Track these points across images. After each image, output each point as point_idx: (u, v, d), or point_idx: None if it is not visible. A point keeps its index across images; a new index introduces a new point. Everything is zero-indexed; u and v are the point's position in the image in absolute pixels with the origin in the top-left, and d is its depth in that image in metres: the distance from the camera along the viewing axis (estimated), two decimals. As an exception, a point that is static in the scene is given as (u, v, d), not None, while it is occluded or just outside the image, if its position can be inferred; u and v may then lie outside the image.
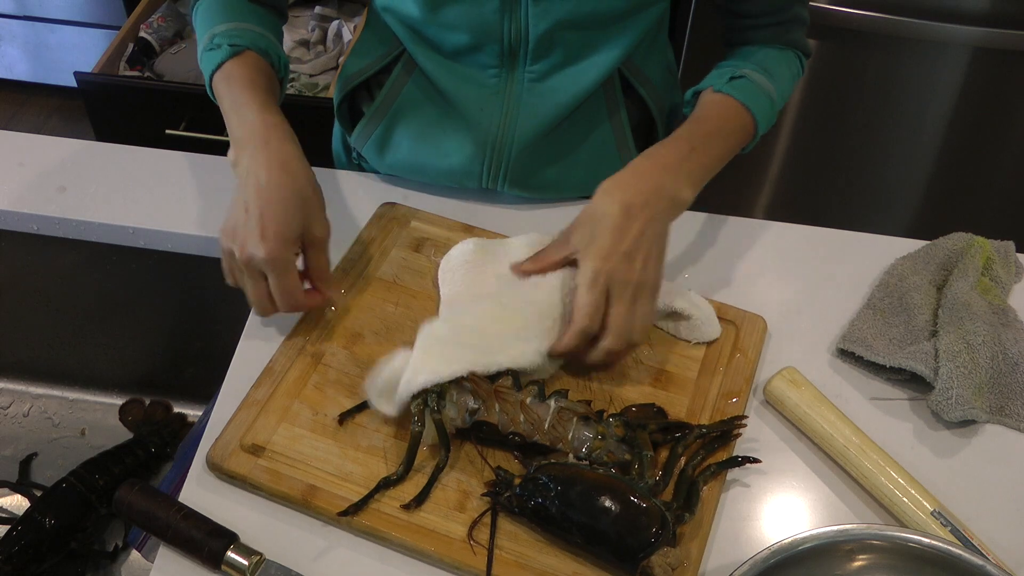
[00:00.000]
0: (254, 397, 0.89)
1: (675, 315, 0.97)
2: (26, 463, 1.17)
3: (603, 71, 1.05)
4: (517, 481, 0.82)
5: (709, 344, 0.97)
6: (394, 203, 1.08)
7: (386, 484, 0.83)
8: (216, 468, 0.84)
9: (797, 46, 1.09)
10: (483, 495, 0.83)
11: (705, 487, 0.84)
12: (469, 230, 1.06)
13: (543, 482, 0.80)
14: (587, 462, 0.83)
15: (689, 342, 0.97)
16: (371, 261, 1.02)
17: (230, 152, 0.93)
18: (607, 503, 0.79)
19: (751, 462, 0.87)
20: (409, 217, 1.07)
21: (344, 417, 0.88)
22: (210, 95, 1.01)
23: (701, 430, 0.88)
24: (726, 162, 1.01)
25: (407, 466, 0.84)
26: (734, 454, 0.88)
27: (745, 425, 0.90)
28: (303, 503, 0.82)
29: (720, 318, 0.98)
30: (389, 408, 0.87)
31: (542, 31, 1.00)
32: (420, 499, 0.82)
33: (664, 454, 0.87)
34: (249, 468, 0.84)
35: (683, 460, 0.86)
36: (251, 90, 0.95)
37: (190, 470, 0.86)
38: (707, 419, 0.91)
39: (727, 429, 0.89)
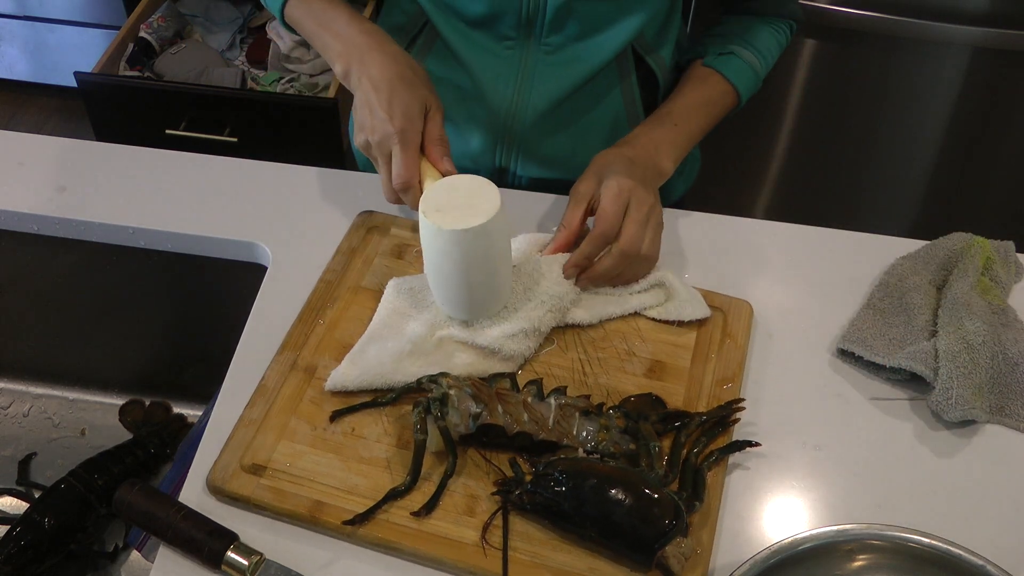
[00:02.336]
0: (249, 416, 0.88)
1: (660, 290, 0.98)
2: (25, 463, 1.17)
3: (616, 46, 1.07)
4: (528, 478, 0.82)
5: (701, 324, 0.98)
6: (372, 211, 1.07)
7: (394, 495, 0.82)
8: (218, 491, 0.83)
9: (792, 16, 1.17)
10: (493, 494, 0.83)
11: (709, 473, 0.85)
12: None
13: (554, 477, 0.81)
14: (597, 455, 0.84)
15: (678, 322, 0.98)
16: (356, 271, 1.01)
17: (337, 67, 0.98)
18: (620, 495, 0.79)
19: (751, 446, 0.87)
20: (389, 224, 1.06)
21: (337, 415, 0.88)
22: (283, 25, 1.06)
23: (700, 417, 0.89)
24: (708, 131, 1.11)
25: (414, 476, 0.83)
26: (734, 439, 0.88)
27: (743, 408, 0.90)
28: (311, 520, 0.81)
29: (708, 305, 0.99)
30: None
31: (560, 2, 1.02)
32: (430, 506, 0.82)
33: (666, 444, 0.87)
34: (252, 488, 0.83)
35: (686, 449, 0.86)
36: (333, 4, 1.01)
37: (190, 470, 0.86)
38: (704, 406, 0.92)
39: (725, 414, 0.90)
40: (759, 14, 1.16)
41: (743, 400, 0.92)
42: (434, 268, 0.91)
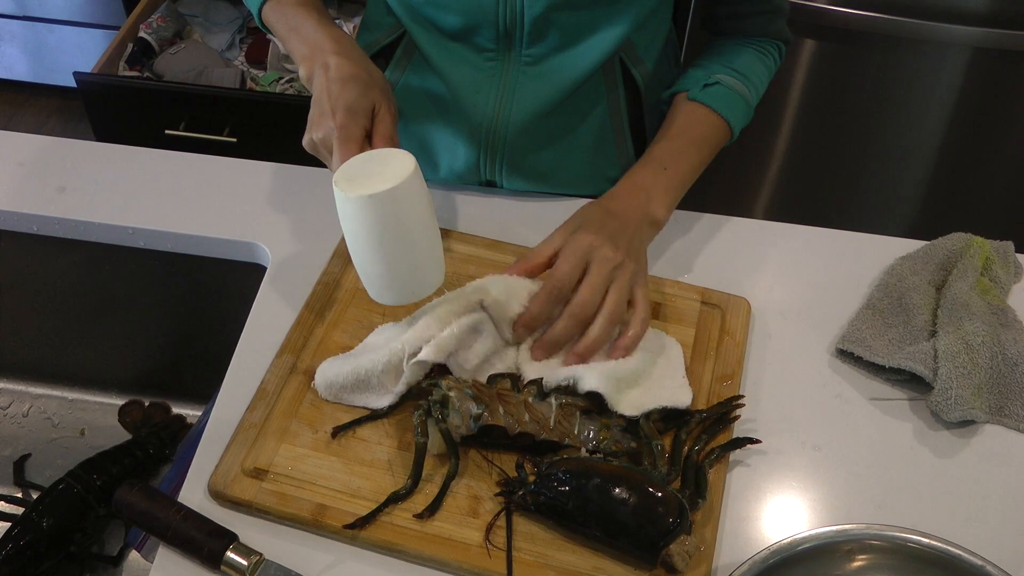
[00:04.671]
0: (250, 420, 0.87)
1: (647, 355, 0.92)
2: (20, 463, 1.16)
3: (599, 56, 1.05)
4: (531, 478, 0.82)
5: (700, 321, 0.98)
6: None
7: (395, 499, 0.82)
8: (219, 496, 0.83)
9: (779, 36, 1.13)
10: (496, 494, 0.83)
11: (711, 471, 0.85)
12: (447, 235, 1.04)
13: (558, 477, 0.81)
14: (599, 454, 0.84)
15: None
16: (353, 274, 1.00)
17: (302, 70, 0.97)
18: (624, 494, 0.79)
19: (752, 442, 0.88)
20: None
21: (338, 431, 0.87)
22: (260, 26, 1.06)
23: (701, 415, 0.89)
24: (703, 169, 1.05)
25: (415, 479, 0.83)
26: (734, 436, 0.89)
27: (743, 405, 0.91)
28: (314, 523, 0.81)
29: (705, 303, 1.00)
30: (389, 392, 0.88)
31: (537, 13, 1.00)
32: (433, 508, 0.82)
33: (667, 441, 0.87)
34: (254, 493, 0.82)
35: (687, 446, 0.87)
36: (304, 10, 1.00)
37: (189, 471, 0.86)
38: (704, 403, 0.92)
39: (725, 411, 0.90)
40: (748, 35, 1.12)
41: (743, 396, 0.92)
42: (352, 242, 0.87)
